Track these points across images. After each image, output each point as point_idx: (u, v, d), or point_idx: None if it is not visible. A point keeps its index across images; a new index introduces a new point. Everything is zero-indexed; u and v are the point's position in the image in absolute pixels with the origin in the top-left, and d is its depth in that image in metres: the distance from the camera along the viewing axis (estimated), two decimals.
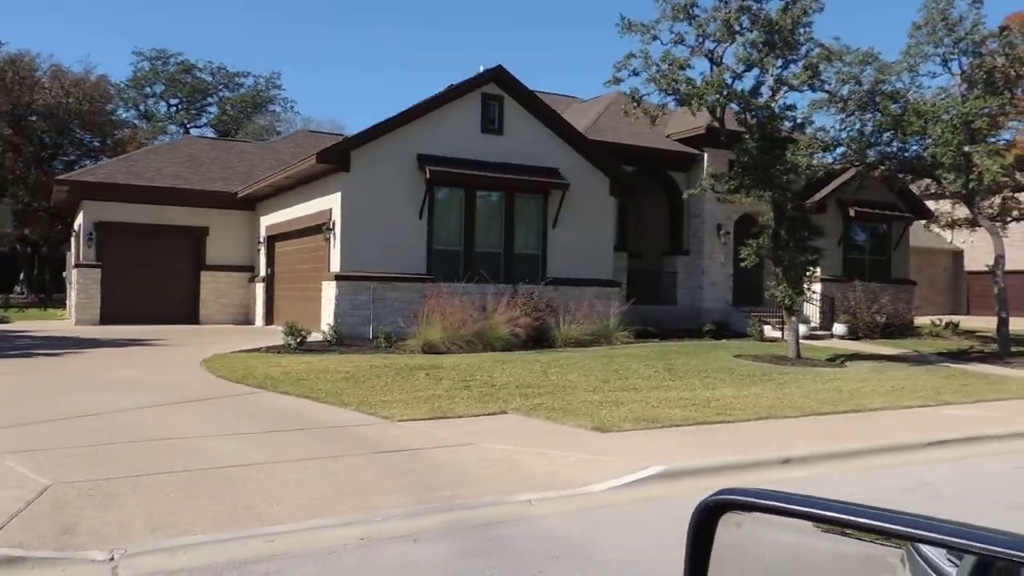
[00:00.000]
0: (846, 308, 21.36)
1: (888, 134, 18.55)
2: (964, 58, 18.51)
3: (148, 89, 41.70)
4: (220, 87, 42.17)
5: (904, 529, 1.12)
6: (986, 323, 34.74)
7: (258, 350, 14.12)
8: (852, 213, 22.48)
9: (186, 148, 24.02)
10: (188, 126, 41.22)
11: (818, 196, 22.44)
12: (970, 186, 17.76)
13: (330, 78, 70.84)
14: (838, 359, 16.02)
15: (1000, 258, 18.36)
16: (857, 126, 18.92)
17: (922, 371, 14.46)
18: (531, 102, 18.16)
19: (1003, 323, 18.03)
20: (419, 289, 16.25)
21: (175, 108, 41.95)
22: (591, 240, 18.94)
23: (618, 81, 14.13)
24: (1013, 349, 18.18)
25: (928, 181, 22.73)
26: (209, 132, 41.50)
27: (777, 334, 20.31)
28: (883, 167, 19.66)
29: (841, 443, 7.99)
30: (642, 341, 17.78)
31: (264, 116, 41.88)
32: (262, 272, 21.43)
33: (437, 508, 5.72)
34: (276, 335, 15.67)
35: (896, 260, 24.24)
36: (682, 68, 14.06)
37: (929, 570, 1.30)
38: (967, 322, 35.22)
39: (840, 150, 19.13)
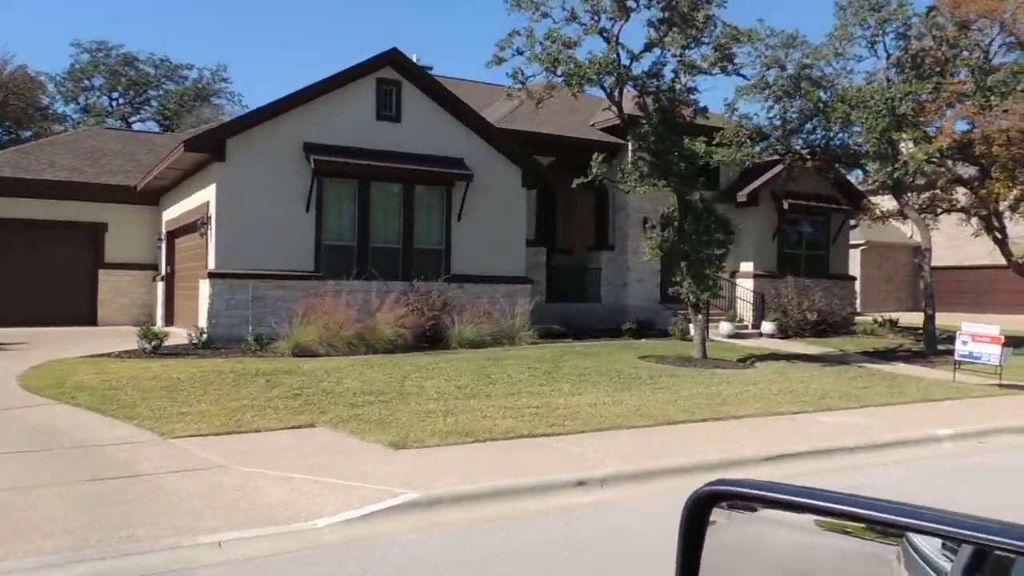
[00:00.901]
0: (778, 305, 20.42)
1: (812, 121, 17.64)
2: (891, 40, 17.62)
3: (87, 82, 40.35)
4: (163, 79, 40.88)
5: (900, 519, 1.10)
6: (943, 320, 34.07)
7: (109, 355, 13.01)
8: (786, 206, 21.54)
9: (89, 140, 22.77)
10: (130, 120, 39.95)
11: (749, 188, 21.52)
12: (895, 175, 16.86)
13: (283, 71, 69.40)
14: (749, 360, 15.07)
15: (927, 251, 17.48)
16: (782, 113, 18.04)
17: (829, 372, 13.52)
18: (432, 88, 17.09)
19: (929, 320, 17.14)
20: (307, 287, 15.16)
21: (116, 101, 40.64)
22: (501, 234, 17.90)
23: (500, 61, 13.09)
24: (942, 348, 17.30)
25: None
26: (153, 125, 40.25)
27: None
28: (811, 157, 18.76)
29: (661, 459, 6.98)
30: (549, 341, 16.77)
31: (210, 108, 40.59)
32: (163, 270, 20.28)
33: (94, 556, 4.67)
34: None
35: (835, 254, 23.33)
36: (568, 46, 13.02)
37: (925, 565, 1.28)
38: (918, 319, 34.56)
39: (767, 140, 18.21)
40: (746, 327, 20.43)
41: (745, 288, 21.58)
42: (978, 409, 10.35)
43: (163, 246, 20.17)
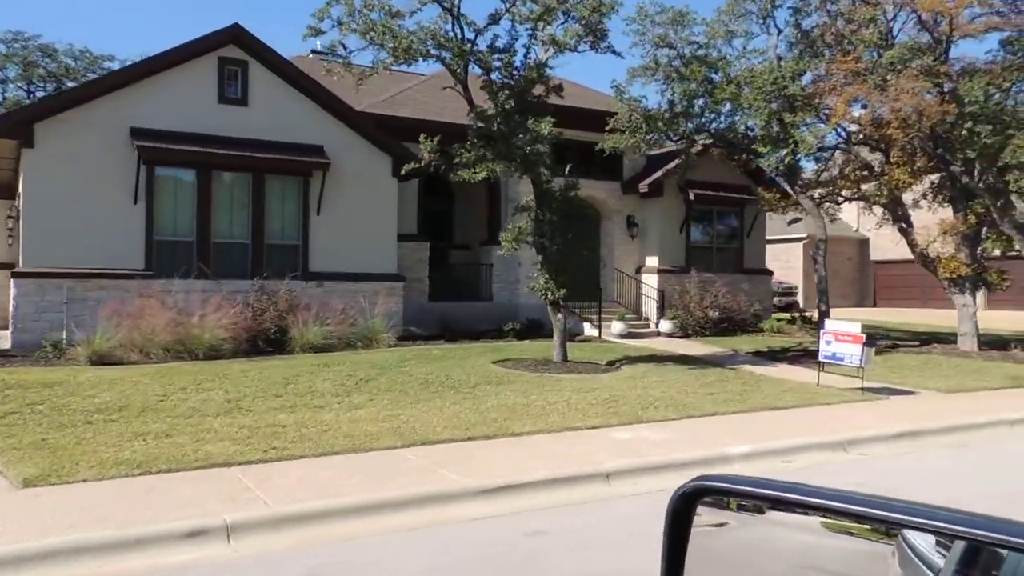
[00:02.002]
0: (681, 303, 19.19)
1: (699, 103, 16.40)
2: (783, 15, 16.42)
3: (1, 73, 38.63)
4: (84, 71, 39.22)
5: (890, 515, 1.11)
6: (880, 315, 33.03)
7: None
8: (692, 196, 20.29)
9: None
10: None
11: (651, 178, 20.27)
12: (786, 161, 15.66)
13: None
14: (618, 363, 13.81)
15: (821, 242, 16.31)
16: (671, 96, 16.81)
17: (691, 376, 12.26)
18: (284, 69, 15.68)
19: (823, 316, 15.93)
20: (136, 287, 13.73)
21: (33, 94, 38.93)
22: (369, 228, 16.53)
23: (317, 33, 11.71)
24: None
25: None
26: None
27: (595, 332, 18.11)
28: (710, 143, 17.53)
29: (318, 500, 5.63)
30: (412, 344, 15.46)
31: None
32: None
33: None
34: None
35: (750, 248, 22.12)
36: (393, 16, 11.64)
37: (919, 562, 1.27)
38: (859, 314, 33.47)
39: (657, 124, 16.93)
40: (646, 326, 19.19)
41: (650, 285, 20.36)
42: (818, 419, 9.11)
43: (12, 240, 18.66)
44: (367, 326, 15.07)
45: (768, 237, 37.61)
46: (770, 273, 22.67)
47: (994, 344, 17.25)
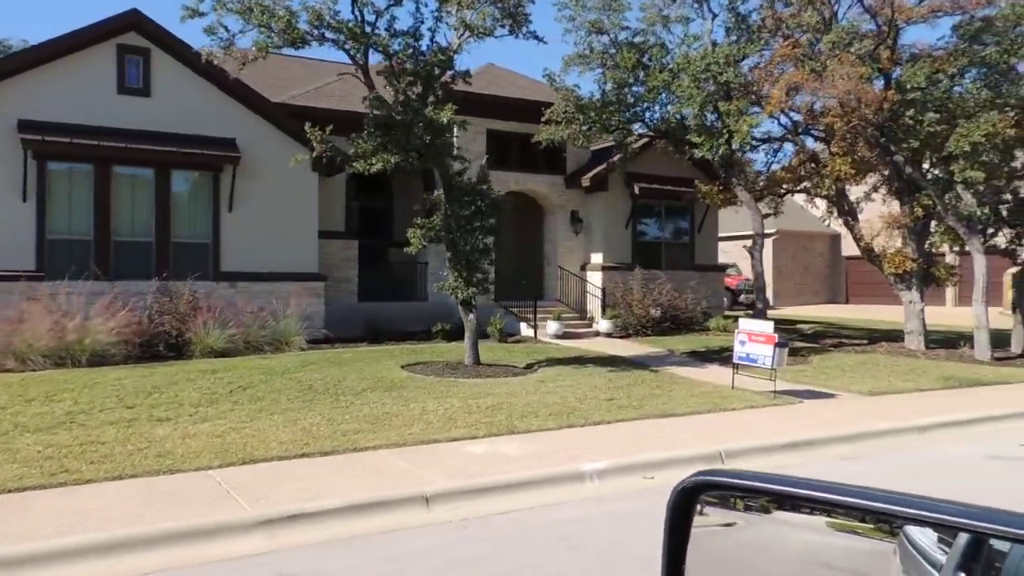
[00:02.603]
0: (624, 301, 18.43)
1: (632, 91, 15.64)
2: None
3: None
4: None
5: (892, 508, 1.10)
6: (847, 312, 32.35)
7: None
8: (637, 190, 19.53)
9: None
10: None
11: (593, 171, 19.49)
12: (720, 151, 14.91)
13: None
14: (537, 365, 13.05)
15: (758, 236, 15.56)
16: (602, 84, 16.05)
17: (606, 379, 11.48)
18: (191, 57, 14.77)
19: (759, 316, 15.17)
20: (23, 289, 12.91)
21: None
22: (288, 225, 15.72)
23: (196, 14, 10.89)
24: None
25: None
26: None
27: (532, 332, 17.34)
28: (639, 133, 16.77)
29: (102, 531, 4.85)
30: (329, 347, 14.68)
31: None
32: None
33: None
34: None
35: (701, 244, 21.36)
36: None
37: (920, 559, 1.26)
38: (826, 311, 32.76)
39: (589, 114, 16.14)
40: (588, 325, 18.42)
41: (594, 283, 19.59)
42: (711, 427, 8.36)
43: None
44: (278, 329, 14.28)
45: (736, 233, 37.14)
46: (722, 269, 21.92)
47: (945, 342, 16.55)
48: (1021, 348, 15.47)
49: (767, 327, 10.30)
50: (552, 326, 16.96)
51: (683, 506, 1.27)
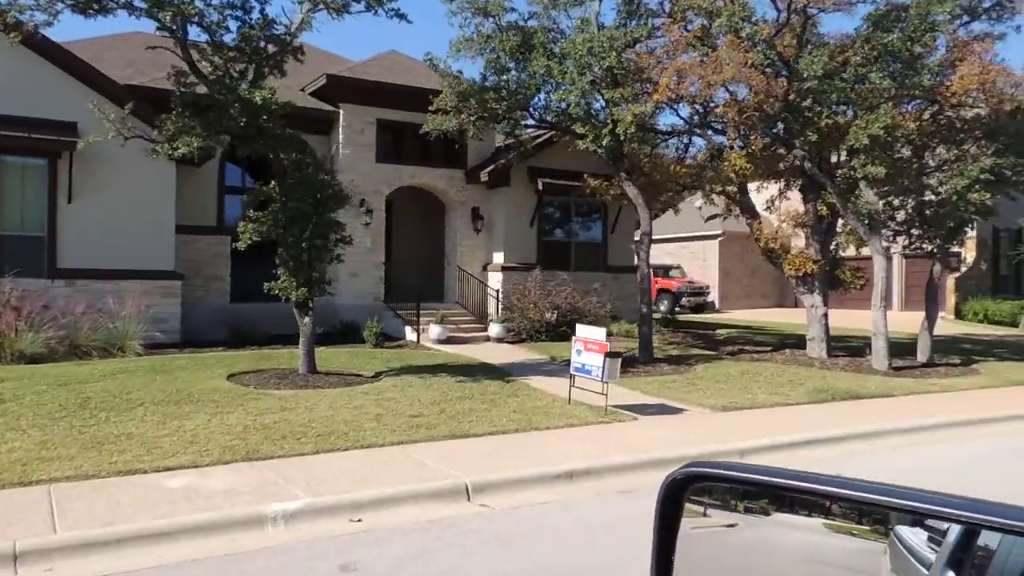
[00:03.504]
0: (519, 304, 17.28)
1: (513, 77, 14.48)
2: None
3: None
4: None
5: (881, 499, 1.11)
6: (783, 316, 31.33)
7: None
8: (540, 186, 18.39)
9: None
10: None
11: (492, 166, 18.32)
12: (604, 142, 13.78)
13: None
14: (386, 373, 11.85)
15: (645, 236, 14.43)
16: (483, 71, 14.87)
17: (445, 391, 10.26)
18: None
19: (644, 321, 14.06)
20: None
21: None
22: (140, 218, 14.43)
23: None
24: (658, 356, 14.32)
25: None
26: None
27: (416, 337, 16.14)
28: (526, 124, 15.61)
29: None
30: (176, 351, 13.45)
31: None
32: None
33: None
34: None
35: (615, 244, 20.23)
36: None
37: (911, 557, 1.26)
38: (768, 315, 31.74)
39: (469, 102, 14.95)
40: (480, 329, 17.21)
41: (494, 284, 18.43)
42: (494, 452, 7.18)
43: None
44: (115, 331, 13.01)
45: (684, 234, 36.24)
46: (609, 271, 20.75)
47: (853, 350, 15.53)
48: (926, 357, 14.44)
49: (600, 334, 9.15)
50: (434, 330, 15.77)
51: (673, 498, 1.26)
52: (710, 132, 15.22)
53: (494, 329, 16.50)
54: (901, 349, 15.41)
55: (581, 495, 6.16)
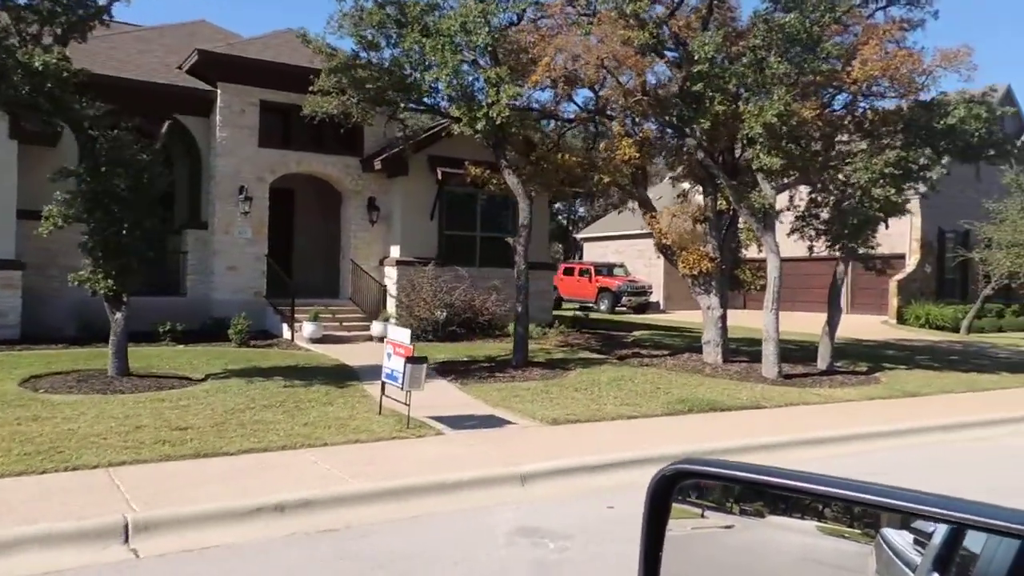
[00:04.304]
0: (410, 302, 16.15)
1: (386, 54, 13.34)
2: None
3: None
4: None
5: (871, 498, 1.11)
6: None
7: None
8: (440, 176, 17.25)
9: None
10: None
11: (388, 153, 17.13)
12: (479, 126, 12.66)
13: None
14: (216, 375, 10.67)
15: (524, 228, 13.35)
16: (354, 46, 13.71)
17: (259, 396, 9.13)
18: None
19: (520, 321, 12.97)
20: None
21: None
22: None
23: None
24: (539, 359, 13.26)
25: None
26: None
27: (290, 335, 14.96)
28: (406, 106, 14.44)
29: None
30: (5, 349, 12.21)
31: None
32: None
33: None
34: None
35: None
36: None
37: (896, 560, 1.26)
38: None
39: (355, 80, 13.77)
40: (364, 328, 16.05)
41: (390, 280, 17.28)
42: (213, 479, 6.05)
43: None
44: None
45: (632, 232, 35.22)
46: (552, 267, 19.67)
47: (754, 355, 14.53)
48: (826, 364, 13.46)
49: (404, 336, 8.05)
50: (308, 328, 14.60)
51: (662, 494, 1.26)
52: (595, 118, 14.13)
53: (376, 328, 15.35)
54: (809, 355, 14.48)
55: (277, 534, 5.04)
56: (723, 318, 13.88)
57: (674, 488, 1.27)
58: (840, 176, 13.70)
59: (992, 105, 14.05)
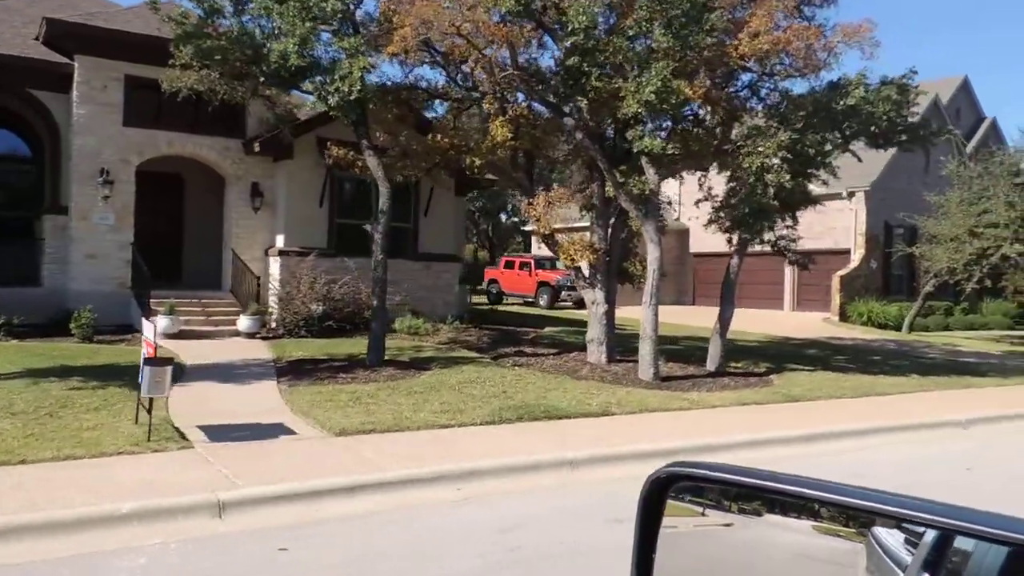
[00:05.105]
0: (286, 295, 14.98)
1: (225, 22, 12.12)
2: None
3: None
4: None
5: (861, 503, 1.13)
6: (669, 317, 29.41)
7: None
8: (329, 160, 16.01)
9: None
10: None
11: (269, 134, 15.89)
12: (330, 101, 11.49)
13: None
14: (7, 376, 9.46)
15: (382, 214, 12.19)
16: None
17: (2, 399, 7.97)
18: None
19: (378, 316, 11.80)
20: None
21: None
22: None
23: None
24: (402, 358, 12.14)
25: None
26: None
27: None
28: (258, 78, 13.20)
29: None
30: None
31: None
32: None
33: None
34: None
35: (429, 228, 17.91)
36: None
37: (887, 559, 1.26)
38: (667, 315, 29.82)
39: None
40: (231, 323, 14.82)
41: (273, 272, 16.06)
42: None
43: None
44: None
45: (581, 225, 34.11)
46: (458, 260, 18.54)
47: (667, 354, 13.50)
48: (715, 365, 12.43)
49: (150, 332, 6.88)
50: (162, 323, 13.35)
51: (655, 497, 1.28)
52: (468, 96, 12.97)
53: (243, 323, 14.16)
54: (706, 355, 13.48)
55: None
56: (608, 314, 12.79)
57: (667, 492, 1.28)
58: (737, 162, 12.66)
59: (908, 87, 13.05)
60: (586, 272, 12.78)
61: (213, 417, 7.75)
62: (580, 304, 31.19)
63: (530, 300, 30.11)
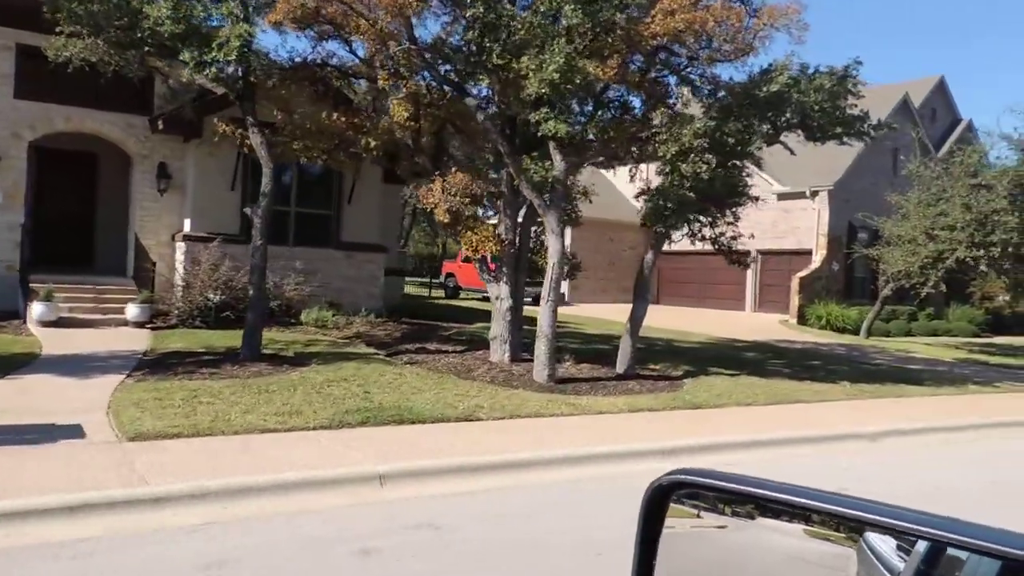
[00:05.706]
0: (184, 283, 14.07)
1: None
2: None
3: None
4: None
5: (858, 514, 1.13)
6: (623, 316, 28.67)
7: None
8: (215, 138, 15.02)
9: None
10: None
11: (172, 111, 14.92)
12: (206, 71, 10.58)
13: None
14: None
15: (264, 196, 11.27)
16: None
17: None
18: None
19: (254, 307, 10.90)
20: None
21: None
22: None
23: None
24: (285, 353, 11.27)
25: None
26: None
27: (26, 316, 12.79)
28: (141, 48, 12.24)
29: None
30: None
31: None
32: None
33: None
34: None
35: (353, 217, 16.98)
36: None
37: (880, 566, 1.27)
38: (605, 312, 28.96)
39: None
40: (120, 311, 13.87)
41: (178, 259, 15.13)
42: None
43: None
44: None
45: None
46: (382, 250, 17.62)
47: (571, 352, 12.72)
48: (624, 367, 11.59)
49: None
50: (38, 309, 12.45)
51: (657, 504, 1.27)
52: (363, 72, 12.05)
53: (132, 311, 13.24)
54: (645, 355, 12.75)
55: None
56: (514, 310, 11.95)
57: (668, 499, 1.27)
58: (652, 151, 11.81)
59: (848, 77, 12.21)
60: (487, 265, 11.93)
61: (5, 416, 6.87)
62: (536, 300, 30.48)
63: (487, 296, 29.25)
